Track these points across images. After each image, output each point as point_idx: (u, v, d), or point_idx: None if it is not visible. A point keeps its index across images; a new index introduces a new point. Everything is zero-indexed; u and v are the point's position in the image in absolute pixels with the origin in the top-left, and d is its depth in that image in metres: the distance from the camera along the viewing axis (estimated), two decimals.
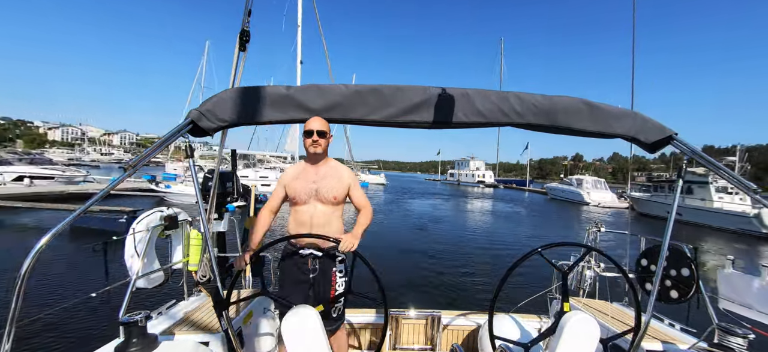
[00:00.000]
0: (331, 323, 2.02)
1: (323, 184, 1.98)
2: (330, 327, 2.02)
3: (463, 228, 15.37)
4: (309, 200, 1.98)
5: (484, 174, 65.17)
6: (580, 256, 2.49)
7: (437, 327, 2.78)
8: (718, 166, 1.51)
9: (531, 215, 22.46)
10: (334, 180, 2.00)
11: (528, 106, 1.74)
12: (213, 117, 1.69)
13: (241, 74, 2.28)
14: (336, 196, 1.98)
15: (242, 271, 1.92)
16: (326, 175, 2.01)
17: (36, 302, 4.93)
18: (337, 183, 2.00)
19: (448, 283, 7.23)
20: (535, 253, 1.70)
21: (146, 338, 1.57)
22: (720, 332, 1.91)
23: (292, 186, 2.02)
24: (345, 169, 2.09)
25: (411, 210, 20.73)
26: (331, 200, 1.98)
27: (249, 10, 2.20)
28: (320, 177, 2.00)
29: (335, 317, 2.03)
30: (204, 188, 2.70)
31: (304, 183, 2.00)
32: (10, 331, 0.97)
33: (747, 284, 2.27)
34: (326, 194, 1.97)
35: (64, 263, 7.17)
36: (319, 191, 1.97)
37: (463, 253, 10.27)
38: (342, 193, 2.01)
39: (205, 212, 1.94)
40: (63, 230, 1.08)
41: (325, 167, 2.04)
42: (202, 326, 2.06)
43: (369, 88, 1.80)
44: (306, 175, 2.03)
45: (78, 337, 4.28)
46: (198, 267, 2.75)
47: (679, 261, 2.49)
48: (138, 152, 10.54)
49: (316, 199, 1.98)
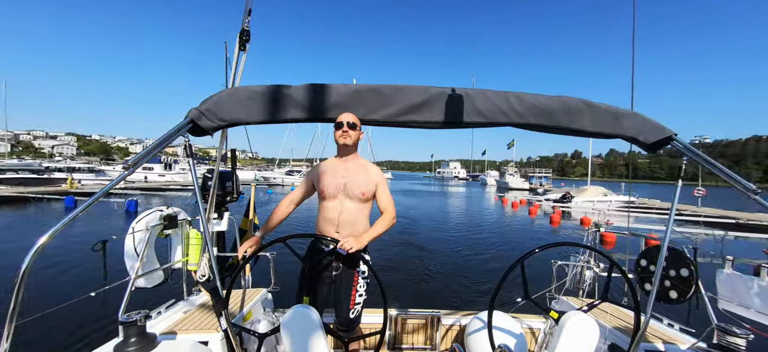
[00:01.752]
0: (348, 324, 2.02)
1: (352, 179, 1.97)
2: (345, 328, 2.03)
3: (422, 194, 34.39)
4: (337, 194, 1.97)
5: (459, 172, 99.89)
6: (580, 255, 2.50)
7: (437, 327, 2.78)
8: (716, 166, 1.51)
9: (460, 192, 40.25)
10: (362, 176, 1.99)
11: (528, 106, 1.74)
12: (213, 116, 1.68)
13: (241, 73, 2.29)
14: (364, 192, 1.96)
15: (242, 270, 1.91)
16: (356, 171, 2.00)
17: (35, 302, 4.92)
18: (366, 179, 1.99)
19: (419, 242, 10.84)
20: (534, 253, 1.70)
21: (145, 337, 1.57)
22: (719, 333, 1.91)
23: (321, 180, 2.01)
24: (374, 167, 2.08)
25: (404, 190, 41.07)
26: (359, 196, 1.96)
27: (249, 10, 2.20)
28: (349, 172, 1.99)
29: (352, 318, 2.03)
30: (203, 187, 2.70)
31: (332, 178, 1.98)
32: (9, 330, 0.97)
33: (746, 285, 2.27)
34: (354, 189, 1.95)
35: (64, 262, 7.16)
36: (348, 186, 1.96)
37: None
38: (370, 190, 1.99)
39: (205, 212, 1.94)
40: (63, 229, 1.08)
41: (354, 163, 2.03)
42: (202, 325, 2.05)
43: (369, 87, 1.80)
44: (335, 170, 2.01)
45: (77, 336, 4.28)
46: (197, 267, 2.75)
47: (679, 262, 2.49)
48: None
49: (344, 194, 1.97)
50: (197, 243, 2.82)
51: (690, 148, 1.58)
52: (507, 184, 50.57)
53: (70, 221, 1.10)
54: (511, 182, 50.38)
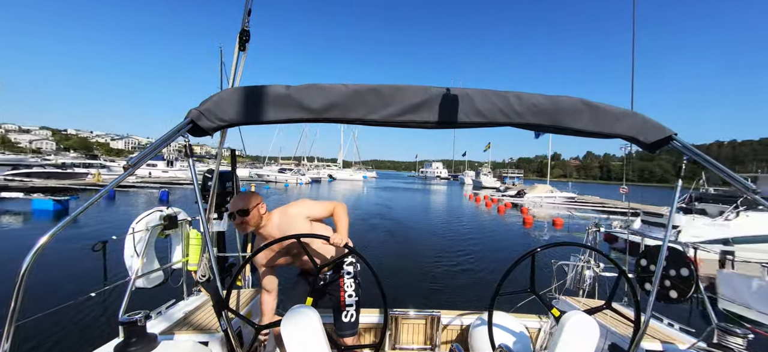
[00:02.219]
0: (344, 329, 2.02)
1: (288, 247, 1.96)
2: (343, 333, 2.03)
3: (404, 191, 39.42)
4: (294, 260, 2.04)
5: (441, 172, 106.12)
6: (580, 255, 2.50)
7: (437, 327, 2.78)
8: (717, 166, 1.51)
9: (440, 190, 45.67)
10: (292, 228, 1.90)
11: (528, 106, 1.73)
12: (213, 116, 1.69)
13: (241, 73, 2.29)
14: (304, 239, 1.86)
15: (242, 269, 1.91)
16: (284, 230, 1.91)
17: (36, 302, 4.99)
18: (298, 226, 1.92)
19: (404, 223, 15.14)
20: (534, 252, 1.70)
21: (146, 337, 1.57)
22: (719, 332, 1.91)
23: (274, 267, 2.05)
24: (290, 210, 1.99)
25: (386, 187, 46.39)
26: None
27: (249, 10, 2.20)
28: (281, 245, 1.93)
29: (347, 322, 2.02)
30: (203, 187, 2.70)
31: (277, 257, 2.00)
32: (10, 331, 0.97)
33: (746, 284, 2.27)
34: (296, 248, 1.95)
35: (64, 262, 7.17)
36: (291, 250, 1.99)
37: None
38: (306, 226, 1.95)
39: (205, 212, 1.94)
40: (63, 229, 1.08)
41: (275, 231, 1.93)
42: (202, 326, 2.05)
43: (369, 87, 1.80)
44: (271, 255, 1.98)
45: (78, 336, 4.28)
46: (197, 267, 2.75)
47: (679, 261, 2.49)
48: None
49: (297, 254, 2.01)
50: (197, 243, 2.82)
51: (690, 148, 1.58)
52: (481, 183, 56.63)
53: (69, 222, 1.09)
54: (485, 181, 56.79)
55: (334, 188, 40.99)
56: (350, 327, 2.03)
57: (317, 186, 41.67)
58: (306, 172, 54.10)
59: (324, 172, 63.07)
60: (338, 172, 65.80)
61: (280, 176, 42.49)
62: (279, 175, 42.99)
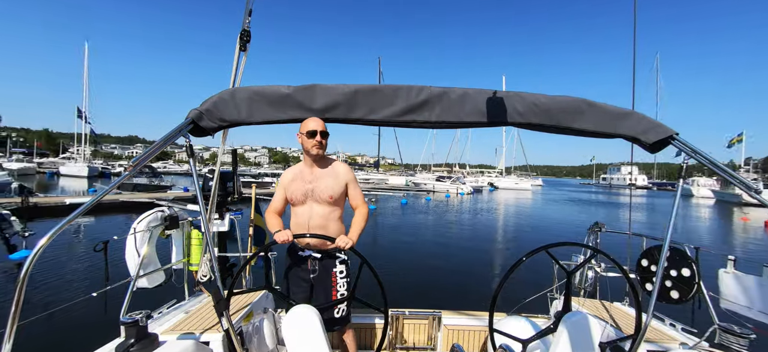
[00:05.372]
0: (334, 324, 2.02)
1: (319, 183, 1.98)
2: (333, 328, 2.02)
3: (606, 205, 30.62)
4: (306, 200, 1.98)
5: (636, 178, 74.08)
6: (585, 258, 2.49)
7: (438, 327, 2.78)
8: (718, 166, 1.50)
9: (659, 205, 30.21)
10: (330, 179, 2.00)
11: (529, 105, 1.73)
12: (213, 117, 1.69)
13: (242, 74, 2.29)
14: (332, 195, 1.97)
15: (243, 270, 1.91)
16: (323, 174, 2.01)
17: (37, 302, 5.02)
18: (334, 182, 1.99)
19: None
20: (537, 252, 1.70)
21: (147, 337, 1.57)
22: (721, 333, 1.91)
23: (289, 187, 2.02)
24: (343, 166, 2.08)
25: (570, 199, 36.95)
26: (327, 200, 1.97)
27: (249, 10, 2.20)
28: (316, 177, 2.00)
29: (338, 317, 2.02)
30: (204, 188, 2.70)
31: (300, 184, 2.00)
32: (11, 331, 0.97)
33: (748, 284, 2.26)
34: (322, 194, 1.97)
35: (65, 262, 7.19)
36: (315, 191, 1.97)
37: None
38: (338, 191, 2.00)
39: (206, 212, 1.94)
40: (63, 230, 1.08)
41: (322, 167, 2.04)
42: (203, 325, 2.06)
43: (370, 87, 1.80)
44: (302, 176, 2.03)
45: (78, 337, 4.29)
46: (199, 267, 2.76)
47: (680, 261, 2.48)
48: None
49: (312, 199, 1.98)
50: (198, 243, 2.82)
51: (690, 148, 1.58)
52: (738, 197, 32.13)
53: (68, 223, 1.09)
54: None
55: (497, 199, 32.18)
56: (341, 322, 2.04)
57: (476, 196, 34.19)
58: (465, 179, 47.33)
59: (482, 179, 56.28)
60: (500, 180, 56.22)
61: (438, 185, 36.90)
62: (437, 184, 37.36)
